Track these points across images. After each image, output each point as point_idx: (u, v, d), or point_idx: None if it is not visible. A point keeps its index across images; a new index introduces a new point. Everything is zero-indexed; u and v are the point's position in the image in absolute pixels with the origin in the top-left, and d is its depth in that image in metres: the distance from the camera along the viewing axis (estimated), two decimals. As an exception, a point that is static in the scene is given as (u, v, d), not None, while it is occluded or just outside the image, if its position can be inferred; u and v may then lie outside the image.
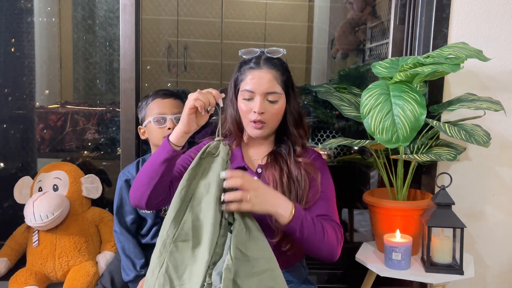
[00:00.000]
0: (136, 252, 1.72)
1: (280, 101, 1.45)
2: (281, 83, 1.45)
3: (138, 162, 1.81)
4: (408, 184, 1.73)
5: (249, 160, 1.52)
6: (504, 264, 2.01)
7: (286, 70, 1.49)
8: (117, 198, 1.78)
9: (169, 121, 1.71)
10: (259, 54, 1.46)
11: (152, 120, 1.72)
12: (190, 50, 2.77)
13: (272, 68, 1.44)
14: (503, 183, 1.96)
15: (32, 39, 2.26)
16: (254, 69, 1.44)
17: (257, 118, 1.43)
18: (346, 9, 2.54)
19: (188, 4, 2.74)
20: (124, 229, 1.76)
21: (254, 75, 1.43)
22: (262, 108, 1.42)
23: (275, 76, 1.44)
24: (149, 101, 1.75)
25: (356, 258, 1.71)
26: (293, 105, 1.49)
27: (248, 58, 1.47)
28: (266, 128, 1.46)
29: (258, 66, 1.44)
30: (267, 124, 1.45)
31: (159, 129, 1.72)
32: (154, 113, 1.72)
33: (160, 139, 1.71)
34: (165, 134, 1.69)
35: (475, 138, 1.52)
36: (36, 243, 1.83)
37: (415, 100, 1.47)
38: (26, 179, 1.95)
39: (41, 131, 2.28)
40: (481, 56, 1.59)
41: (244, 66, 1.47)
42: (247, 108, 1.44)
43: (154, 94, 1.77)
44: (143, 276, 1.68)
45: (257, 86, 1.42)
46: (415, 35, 1.91)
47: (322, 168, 1.51)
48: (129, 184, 1.77)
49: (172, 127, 1.70)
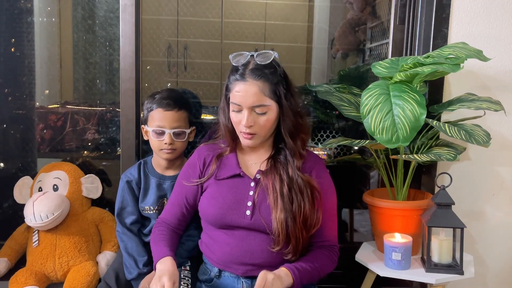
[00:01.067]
0: (139, 250, 1.73)
1: (269, 112, 1.41)
2: (270, 94, 1.39)
3: (140, 164, 1.81)
4: (408, 184, 1.73)
5: (245, 165, 1.51)
6: (504, 264, 2.01)
7: (278, 76, 1.41)
8: (119, 199, 1.79)
9: (167, 135, 1.69)
10: (246, 62, 1.41)
11: (151, 131, 1.71)
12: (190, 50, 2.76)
13: (258, 79, 1.38)
14: (503, 183, 1.96)
15: (32, 39, 2.26)
16: (239, 81, 1.39)
17: (246, 131, 1.41)
18: (346, 9, 2.54)
19: (188, 4, 2.74)
20: (126, 229, 1.76)
21: (240, 87, 1.39)
22: (249, 122, 1.39)
23: (262, 88, 1.38)
24: (153, 107, 1.72)
25: (356, 258, 1.71)
26: (287, 114, 1.43)
27: (236, 67, 1.42)
28: (257, 138, 1.44)
29: (243, 78, 1.39)
30: (258, 135, 1.43)
31: (157, 141, 1.71)
32: (154, 124, 1.71)
33: (157, 150, 1.73)
34: (162, 147, 1.70)
35: (475, 138, 1.52)
36: (36, 243, 1.83)
37: (415, 100, 1.47)
38: (26, 179, 1.95)
39: (41, 131, 2.28)
40: (481, 56, 1.59)
41: (232, 76, 1.42)
42: (237, 119, 1.42)
43: (158, 101, 1.72)
44: (145, 274, 1.68)
45: (243, 100, 1.38)
46: (415, 35, 1.91)
47: (325, 183, 1.50)
48: (131, 185, 1.78)
49: (169, 142, 1.69)
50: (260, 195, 1.44)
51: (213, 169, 1.51)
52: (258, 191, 1.45)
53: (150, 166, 1.81)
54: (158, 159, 1.79)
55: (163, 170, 1.79)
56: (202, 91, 2.76)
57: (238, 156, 1.52)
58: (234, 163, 1.49)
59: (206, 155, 1.54)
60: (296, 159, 1.46)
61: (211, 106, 2.50)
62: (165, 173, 1.79)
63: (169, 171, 1.79)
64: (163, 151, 1.72)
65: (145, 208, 1.78)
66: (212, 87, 2.75)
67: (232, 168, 1.49)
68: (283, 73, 1.45)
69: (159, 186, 1.77)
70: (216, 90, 2.70)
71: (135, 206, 1.78)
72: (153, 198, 1.77)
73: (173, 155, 1.73)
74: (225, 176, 1.49)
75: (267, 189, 1.43)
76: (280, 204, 1.40)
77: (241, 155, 1.53)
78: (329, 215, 1.49)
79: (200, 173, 1.54)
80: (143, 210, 1.78)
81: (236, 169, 1.48)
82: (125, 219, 1.77)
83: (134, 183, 1.78)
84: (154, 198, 1.77)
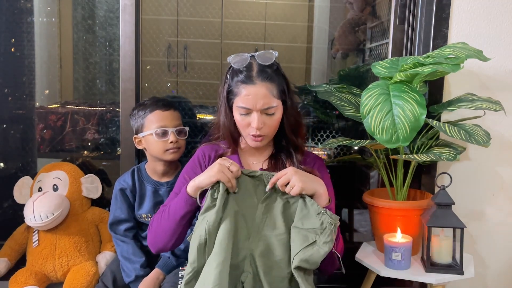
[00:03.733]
0: (135, 252, 1.73)
1: (277, 111, 1.41)
2: (277, 94, 1.39)
3: (133, 171, 1.80)
4: (408, 184, 1.73)
5: (247, 165, 1.51)
6: (504, 264, 2.01)
7: (280, 76, 1.42)
8: (112, 208, 1.79)
9: (171, 134, 1.69)
10: (249, 63, 1.39)
11: (153, 133, 1.69)
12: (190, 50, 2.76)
13: (266, 81, 1.37)
14: (503, 183, 1.96)
15: (32, 39, 2.26)
16: (248, 85, 1.37)
17: (256, 133, 1.40)
18: (346, 9, 2.54)
19: (188, 4, 2.74)
20: (120, 236, 1.77)
21: (249, 91, 1.37)
22: (260, 124, 1.38)
23: (271, 89, 1.38)
24: (147, 112, 1.71)
25: (356, 258, 1.71)
26: (290, 111, 1.45)
27: (238, 69, 1.39)
28: (266, 139, 1.44)
29: (251, 81, 1.37)
30: (267, 135, 1.43)
31: (161, 142, 1.70)
32: (154, 126, 1.69)
33: (161, 152, 1.70)
34: (167, 147, 1.69)
35: (475, 138, 1.52)
36: (36, 243, 1.83)
37: (415, 100, 1.47)
38: (26, 179, 1.95)
39: (41, 131, 2.28)
40: (481, 56, 1.59)
41: (236, 78, 1.39)
42: (245, 122, 1.40)
43: (152, 104, 1.72)
44: (143, 276, 1.68)
45: (253, 103, 1.37)
46: (415, 35, 1.91)
47: (324, 180, 1.49)
48: (125, 193, 1.77)
49: (174, 140, 1.69)
50: None
51: None
52: None
53: (144, 173, 1.80)
54: (155, 166, 1.77)
55: (159, 177, 1.78)
56: (202, 91, 2.76)
57: (240, 156, 1.52)
58: (236, 163, 1.49)
59: (210, 153, 1.53)
60: (299, 154, 1.48)
61: (211, 106, 2.50)
62: (161, 180, 1.78)
63: (165, 177, 1.78)
64: (168, 152, 1.70)
65: (142, 215, 1.77)
66: (212, 87, 2.75)
67: None
68: (282, 71, 1.46)
69: (155, 193, 1.77)
70: (216, 90, 2.70)
71: (129, 213, 1.77)
72: (150, 205, 1.76)
73: (178, 154, 1.73)
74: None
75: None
76: None
77: (243, 155, 1.53)
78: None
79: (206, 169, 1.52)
80: (140, 217, 1.78)
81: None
82: (118, 228, 1.77)
83: (128, 191, 1.77)
84: (150, 205, 1.76)
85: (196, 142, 1.95)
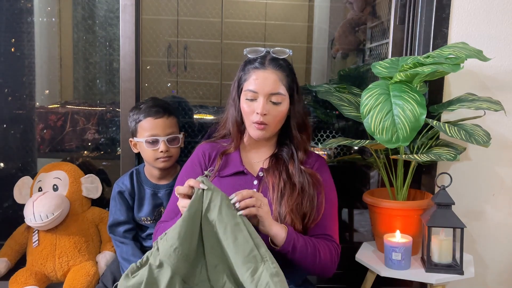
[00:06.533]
0: (135, 253, 1.73)
1: (283, 103, 1.43)
2: (286, 85, 1.43)
3: (132, 173, 1.80)
4: (408, 184, 1.73)
5: (248, 163, 1.50)
6: (504, 264, 2.01)
7: (291, 72, 1.47)
8: (111, 211, 1.79)
9: (161, 143, 1.68)
10: (264, 54, 1.44)
11: (144, 142, 1.69)
12: (190, 50, 2.76)
13: (277, 69, 1.42)
14: (503, 183, 1.96)
15: (32, 39, 2.26)
16: (259, 69, 1.42)
17: (259, 120, 1.41)
18: (346, 9, 2.54)
19: (188, 4, 2.74)
20: (119, 237, 1.77)
21: (259, 75, 1.41)
22: (265, 110, 1.40)
23: (280, 78, 1.42)
24: (140, 117, 1.70)
25: (356, 258, 1.71)
26: (297, 108, 1.48)
27: (253, 58, 1.44)
28: (268, 129, 1.44)
29: (263, 66, 1.42)
30: (269, 126, 1.43)
31: (152, 151, 1.69)
32: (146, 134, 1.68)
33: (152, 160, 1.70)
34: (157, 156, 1.69)
35: (475, 138, 1.52)
36: (36, 243, 1.83)
37: (415, 100, 1.47)
38: (26, 179, 1.95)
39: (41, 131, 2.28)
40: (481, 56, 1.59)
41: (248, 66, 1.44)
42: (250, 109, 1.42)
43: (146, 110, 1.70)
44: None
45: (261, 87, 1.40)
46: (415, 35, 1.91)
47: (326, 180, 1.50)
48: (123, 196, 1.77)
49: (164, 150, 1.68)
50: (262, 193, 1.44)
51: (218, 165, 1.49)
52: (261, 188, 1.45)
53: (143, 176, 1.79)
54: (151, 170, 1.77)
55: (157, 180, 1.78)
56: (202, 91, 2.75)
57: (242, 154, 1.52)
58: (237, 160, 1.49)
59: (210, 151, 1.53)
60: (302, 152, 1.49)
61: (211, 106, 2.50)
62: (159, 182, 1.78)
63: (163, 180, 1.78)
64: (158, 161, 1.70)
65: (142, 218, 1.77)
66: (212, 87, 2.75)
67: (235, 165, 1.48)
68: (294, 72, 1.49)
69: (154, 196, 1.76)
70: (216, 90, 2.70)
71: (128, 216, 1.77)
72: (149, 208, 1.76)
73: (169, 162, 1.72)
74: (228, 173, 1.48)
75: (269, 186, 1.43)
76: (281, 200, 1.40)
77: (244, 153, 1.53)
78: (329, 212, 1.48)
79: (206, 168, 1.52)
80: (140, 220, 1.78)
81: (240, 166, 1.47)
82: (117, 230, 1.77)
83: (127, 193, 1.77)
84: (150, 208, 1.76)
85: (196, 142, 1.95)
